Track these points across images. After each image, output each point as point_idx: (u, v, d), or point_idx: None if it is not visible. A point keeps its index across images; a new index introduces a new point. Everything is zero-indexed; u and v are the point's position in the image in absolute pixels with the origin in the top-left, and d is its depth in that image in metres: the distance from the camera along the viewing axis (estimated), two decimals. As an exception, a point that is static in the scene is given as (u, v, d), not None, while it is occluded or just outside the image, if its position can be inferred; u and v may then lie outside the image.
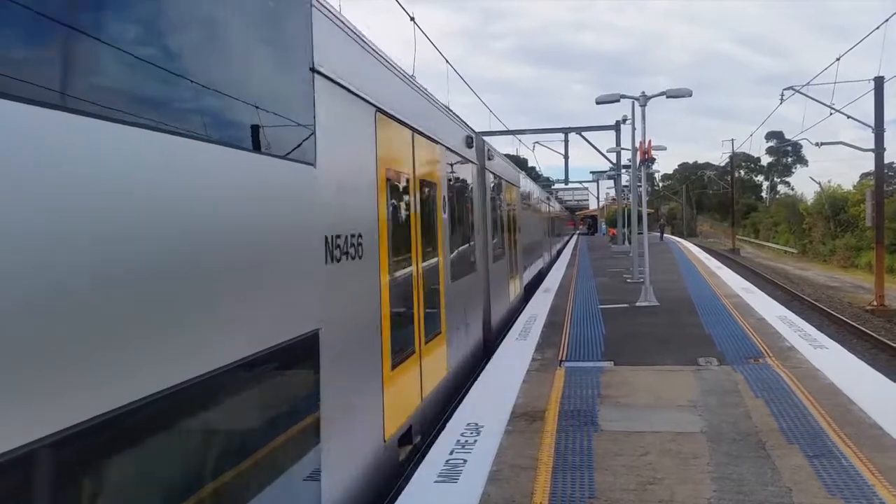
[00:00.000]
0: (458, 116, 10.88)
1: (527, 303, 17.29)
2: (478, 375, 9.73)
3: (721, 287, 19.30)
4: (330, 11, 4.91)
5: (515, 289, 17.26)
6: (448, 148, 9.40)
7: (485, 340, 12.05)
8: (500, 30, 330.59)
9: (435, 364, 8.02)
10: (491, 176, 13.89)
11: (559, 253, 40.75)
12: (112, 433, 2.62)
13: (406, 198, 7.06)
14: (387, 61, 6.43)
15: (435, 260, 8.31)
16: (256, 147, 3.84)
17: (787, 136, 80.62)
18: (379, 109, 5.95)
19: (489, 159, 13.54)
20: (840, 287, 35.71)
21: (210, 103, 3.48)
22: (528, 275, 21.85)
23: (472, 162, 11.63)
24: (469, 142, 11.37)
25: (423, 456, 6.46)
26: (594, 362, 10.32)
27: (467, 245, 10.96)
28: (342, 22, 5.14)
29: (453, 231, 9.62)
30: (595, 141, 77.70)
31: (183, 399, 3.00)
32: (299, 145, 4.31)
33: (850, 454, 6.09)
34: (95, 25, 2.72)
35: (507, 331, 13.16)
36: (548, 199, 37.48)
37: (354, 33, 5.45)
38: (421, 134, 7.73)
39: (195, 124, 3.28)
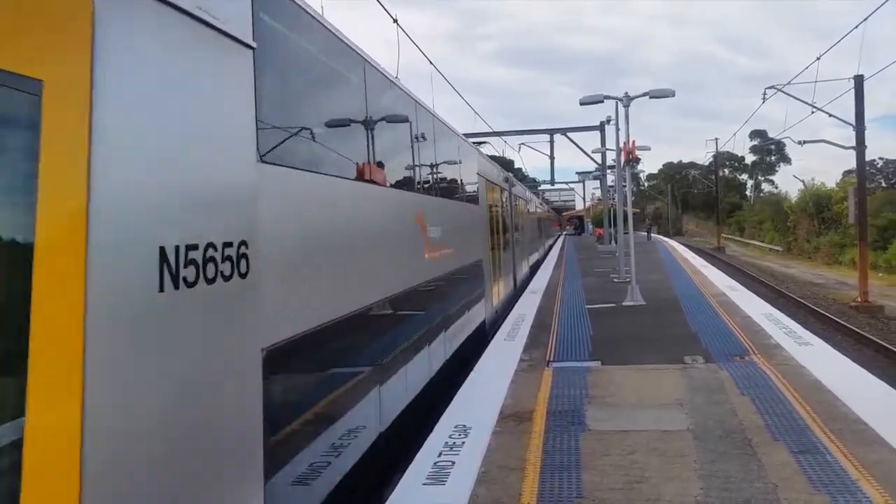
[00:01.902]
0: None
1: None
2: None
3: (707, 286, 19.40)
4: None
5: None
6: None
7: None
8: (486, 32, 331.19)
9: None
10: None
11: (533, 269, 29.09)
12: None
13: None
14: None
15: None
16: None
17: (771, 135, 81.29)
18: None
19: None
20: (824, 284, 36.01)
21: None
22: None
23: None
24: None
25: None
26: (581, 362, 10.34)
27: None
28: None
29: None
30: (580, 142, 77.95)
31: None
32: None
33: (835, 450, 6.14)
34: None
35: None
36: (507, 180, 22.31)
37: None
38: None
39: None
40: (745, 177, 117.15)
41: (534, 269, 29.24)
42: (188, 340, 3.49)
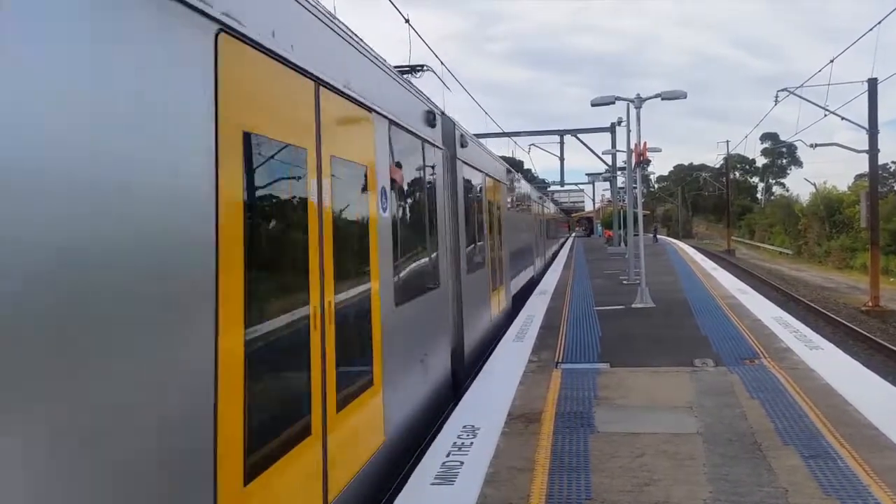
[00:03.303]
0: None
1: None
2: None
3: (717, 288, 19.32)
4: None
5: None
6: None
7: None
8: (497, 33, 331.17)
9: None
10: None
11: (525, 292, 19.72)
12: None
13: None
14: None
15: None
16: None
17: (782, 138, 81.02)
18: None
19: None
20: (835, 288, 35.81)
21: None
22: None
23: None
24: None
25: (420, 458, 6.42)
26: (590, 364, 10.33)
27: None
28: None
29: None
30: (591, 143, 77.96)
31: None
32: None
33: (846, 455, 6.10)
34: None
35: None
36: (441, 127, 9.37)
37: None
38: None
39: None
40: (755, 179, 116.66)
41: (526, 291, 20.38)
42: None
